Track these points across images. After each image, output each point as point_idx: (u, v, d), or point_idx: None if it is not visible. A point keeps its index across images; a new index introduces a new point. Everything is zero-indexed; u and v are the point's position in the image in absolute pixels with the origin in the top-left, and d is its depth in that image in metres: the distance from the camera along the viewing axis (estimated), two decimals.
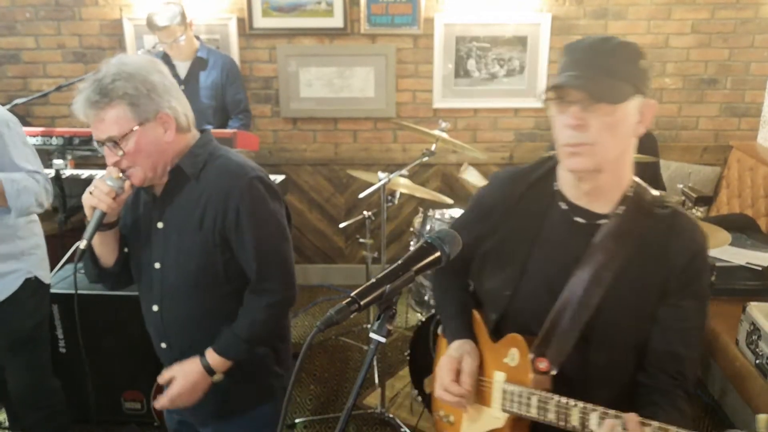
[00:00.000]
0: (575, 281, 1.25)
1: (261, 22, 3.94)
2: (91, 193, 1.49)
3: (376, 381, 3.13)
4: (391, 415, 2.90)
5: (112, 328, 2.64)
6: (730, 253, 2.92)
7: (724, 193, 3.97)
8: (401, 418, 2.88)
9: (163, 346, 1.68)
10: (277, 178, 3.41)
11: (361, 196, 3.04)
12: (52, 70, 4.12)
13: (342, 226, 3.64)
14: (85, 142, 2.85)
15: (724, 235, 2.64)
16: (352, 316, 1.01)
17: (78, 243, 1.50)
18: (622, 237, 1.24)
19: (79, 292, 1.63)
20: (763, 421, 1.18)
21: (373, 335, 1.02)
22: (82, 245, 1.50)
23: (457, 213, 3.10)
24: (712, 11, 3.86)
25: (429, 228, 3.07)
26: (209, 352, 1.59)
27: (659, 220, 1.26)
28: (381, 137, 4.19)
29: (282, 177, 3.48)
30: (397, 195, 3.19)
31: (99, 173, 2.85)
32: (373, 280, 1.04)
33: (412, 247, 2.07)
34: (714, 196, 4.02)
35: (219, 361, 1.59)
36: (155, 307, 1.64)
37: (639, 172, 1.31)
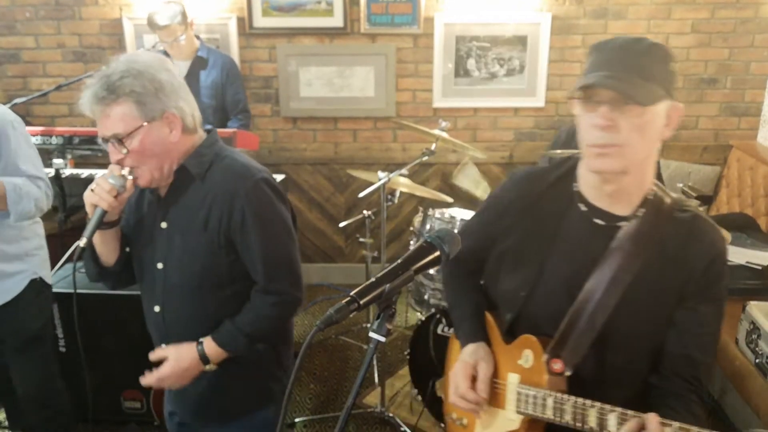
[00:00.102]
0: (593, 283, 1.24)
1: (261, 21, 3.94)
2: (92, 190, 1.48)
3: (376, 380, 3.13)
4: (390, 415, 2.90)
5: (112, 327, 2.64)
6: (730, 252, 2.93)
7: (724, 192, 3.97)
8: (401, 418, 2.88)
9: (164, 346, 1.67)
10: (277, 178, 3.35)
11: (361, 195, 3.04)
12: (52, 69, 4.12)
13: (342, 225, 3.64)
14: (85, 141, 2.85)
15: (724, 235, 2.64)
16: (351, 315, 1.00)
17: (78, 242, 1.49)
18: (641, 239, 1.23)
19: (78, 291, 1.62)
20: None
21: (372, 334, 1.02)
22: (82, 243, 1.49)
23: (457, 212, 3.10)
24: (712, 11, 3.86)
25: (429, 227, 3.07)
26: (207, 340, 1.57)
27: (679, 223, 1.25)
28: (381, 137, 4.19)
29: (282, 176, 3.47)
30: (397, 194, 3.19)
31: (99, 172, 2.86)
32: (373, 280, 1.03)
33: (411, 247, 2.07)
34: (714, 195, 4.02)
35: (216, 351, 1.57)
36: (157, 308, 1.64)
37: None
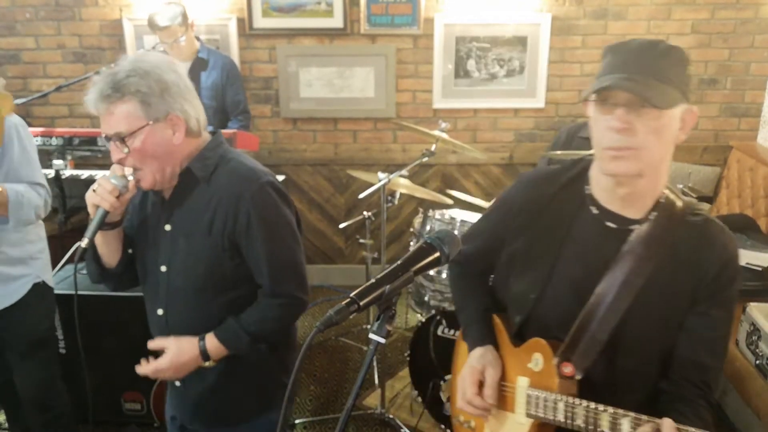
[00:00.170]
0: (604, 286, 1.24)
1: (261, 22, 3.94)
2: (94, 191, 1.47)
3: (376, 381, 3.13)
4: (391, 416, 2.90)
5: (112, 328, 2.64)
6: None
7: (724, 193, 3.97)
8: (401, 419, 2.88)
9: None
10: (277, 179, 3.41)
11: (361, 196, 3.04)
12: (52, 70, 4.11)
13: (342, 226, 3.64)
14: (85, 142, 2.85)
15: None
16: (351, 317, 1.00)
17: (79, 242, 1.48)
18: (653, 243, 1.22)
19: (79, 292, 1.61)
20: None
21: (372, 336, 1.02)
22: (83, 243, 1.48)
23: (457, 213, 3.10)
24: (712, 11, 3.86)
25: (429, 228, 3.06)
26: (210, 337, 1.56)
27: (691, 227, 1.25)
28: (381, 137, 4.19)
29: (282, 177, 3.47)
30: (397, 195, 3.19)
31: (99, 173, 2.85)
32: (373, 281, 1.03)
33: (411, 248, 2.06)
34: (714, 196, 4.02)
35: (217, 348, 1.56)
36: (160, 311, 1.63)
37: None
